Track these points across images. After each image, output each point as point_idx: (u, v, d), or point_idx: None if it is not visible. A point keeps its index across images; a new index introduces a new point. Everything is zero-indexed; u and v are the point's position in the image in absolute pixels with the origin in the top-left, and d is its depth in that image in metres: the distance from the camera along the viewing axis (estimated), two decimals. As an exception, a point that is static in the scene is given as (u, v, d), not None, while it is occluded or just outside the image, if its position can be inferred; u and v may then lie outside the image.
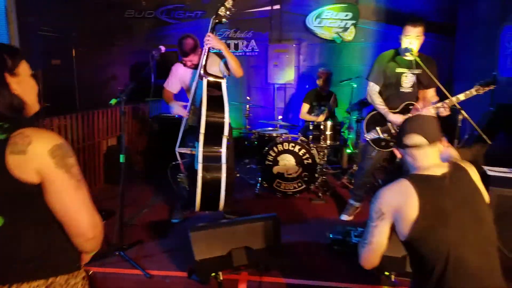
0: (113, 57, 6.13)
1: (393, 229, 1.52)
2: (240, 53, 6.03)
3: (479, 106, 3.20)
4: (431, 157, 1.57)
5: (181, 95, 3.56)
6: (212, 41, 3.04)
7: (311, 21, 5.78)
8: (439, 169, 1.51)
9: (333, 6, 5.69)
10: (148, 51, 3.08)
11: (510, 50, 3.67)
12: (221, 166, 3.04)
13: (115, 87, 5.80)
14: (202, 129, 3.02)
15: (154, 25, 6.16)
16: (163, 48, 3.28)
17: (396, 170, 4.39)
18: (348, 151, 5.11)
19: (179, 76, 3.45)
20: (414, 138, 1.56)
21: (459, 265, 1.36)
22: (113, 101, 2.68)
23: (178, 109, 3.33)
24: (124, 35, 6.10)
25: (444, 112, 2.85)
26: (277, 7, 5.85)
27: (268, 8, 5.87)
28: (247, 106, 4.80)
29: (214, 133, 3.06)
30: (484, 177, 2.52)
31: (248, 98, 4.94)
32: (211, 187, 3.05)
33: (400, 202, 1.44)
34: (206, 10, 5.94)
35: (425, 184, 1.46)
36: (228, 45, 6.02)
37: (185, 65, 3.33)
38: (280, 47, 5.89)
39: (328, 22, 5.73)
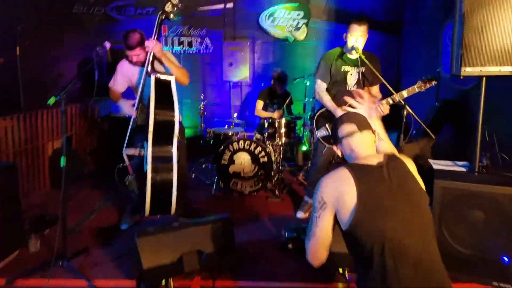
0: (61, 53, 5.78)
1: (336, 221, 1.52)
2: (194, 51, 5.92)
3: (427, 102, 3.33)
4: (367, 147, 1.63)
5: (131, 94, 3.40)
6: (154, 48, 2.92)
7: (265, 20, 5.78)
8: (376, 159, 1.57)
9: (285, 5, 5.73)
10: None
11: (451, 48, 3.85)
12: (172, 167, 2.93)
13: (64, 84, 5.45)
14: (151, 128, 2.90)
15: (104, 21, 5.89)
16: (108, 45, 3.12)
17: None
18: (304, 148, 5.16)
19: (125, 74, 3.29)
20: (345, 128, 1.65)
21: (398, 251, 1.38)
22: (51, 101, 2.48)
23: (127, 108, 3.17)
24: (73, 31, 5.77)
25: (383, 110, 2.88)
26: (230, 5, 5.79)
27: (221, 6, 5.80)
28: (202, 104, 4.69)
29: (163, 132, 2.94)
30: (430, 170, 2.60)
31: (202, 96, 4.82)
32: (161, 189, 2.93)
33: (340, 190, 1.47)
34: (158, 7, 5.76)
35: (362, 173, 1.50)
36: (182, 43, 5.87)
37: (130, 61, 3.17)
38: (234, 45, 5.83)
39: (281, 21, 5.76)
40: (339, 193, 1.47)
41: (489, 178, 2.30)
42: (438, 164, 2.63)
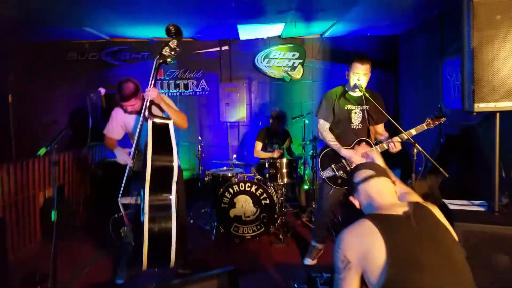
0: (54, 101, 5.75)
1: (363, 282, 1.35)
2: (190, 93, 5.89)
3: (430, 138, 3.25)
4: (387, 194, 1.50)
5: (127, 141, 3.27)
6: (153, 94, 2.84)
7: (260, 61, 5.82)
8: (400, 208, 1.42)
9: (280, 46, 5.80)
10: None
11: (453, 83, 3.84)
12: (171, 216, 2.74)
13: (57, 131, 5.33)
14: (148, 176, 2.74)
15: (99, 67, 5.89)
16: (102, 90, 3.04)
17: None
18: (306, 187, 5.00)
19: (120, 122, 3.18)
20: (361, 173, 1.55)
21: None
22: (41, 151, 2.33)
23: (122, 156, 3.03)
24: (66, 78, 5.77)
25: (395, 147, 2.83)
26: (225, 48, 5.85)
27: (217, 49, 5.86)
28: (199, 146, 4.57)
29: (161, 179, 2.78)
30: (445, 211, 2.45)
31: (199, 138, 4.71)
32: (160, 240, 2.73)
33: (365, 246, 1.32)
34: (153, 51, 5.81)
35: (388, 224, 1.35)
36: (178, 85, 5.85)
37: (125, 111, 3.07)
38: (231, 86, 5.82)
39: (276, 62, 5.81)
40: (364, 249, 1.31)
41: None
42: (454, 204, 2.48)
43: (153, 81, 2.91)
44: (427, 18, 4.50)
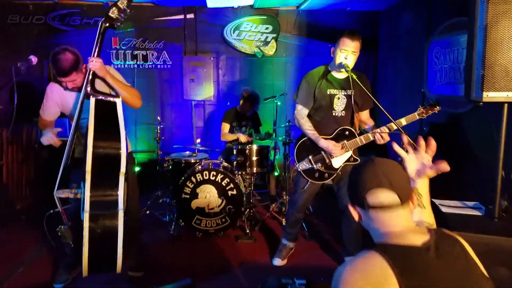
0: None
1: None
2: (150, 66, 5.28)
3: (409, 127, 2.94)
4: (404, 219, 1.09)
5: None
6: (95, 65, 2.31)
7: (230, 33, 5.28)
8: (418, 237, 1.05)
9: (252, 17, 5.27)
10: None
11: (439, 66, 3.53)
12: (117, 214, 2.29)
13: None
14: (89, 166, 2.25)
15: (45, 32, 5.14)
16: (34, 59, 2.52)
17: (326, 194, 4.04)
18: (276, 174, 4.64)
19: (56, 99, 2.62)
20: (381, 196, 1.09)
21: None
22: None
23: (48, 136, 2.51)
24: (7, 44, 4.98)
25: (382, 139, 2.48)
26: (191, 16, 5.24)
27: (181, 16, 5.23)
28: (158, 127, 4.05)
29: (106, 169, 2.31)
30: (436, 214, 2.14)
31: (159, 118, 4.17)
32: (103, 243, 2.28)
33: None
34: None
35: (405, 262, 0.97)
36: (135, 56, 5.22)
37: (66, 88, 2.52)
38: (196, 60, 5.27)
39: (248, 35, 5.29)
40: None
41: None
42: (446, 206, 2.18)
43: (97, 50, 2.39)
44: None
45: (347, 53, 2.52)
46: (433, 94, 3.64)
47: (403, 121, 2.44)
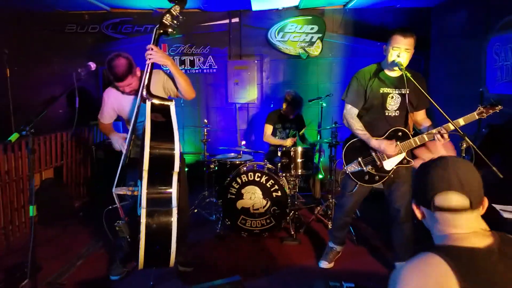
0: (53, 76, 5.37)
1: None
2: (197, 70, 5.44)
3: (467, 128, 2.79)
4: (471, 222, 1.06)
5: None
6: (155, 55, 2.43)
7: (274, 36, 5.31)
8: (481, 239, 1.01)
9: (297, 18, 5.26)
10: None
11: (500, 64, 3.33)
12: (172, 211, 2.38)
13: (56, 109, 5.06)
14: (146, 165, 2.36)
15: (99, 40, 5.47)
16: (93, 65, 2.67)
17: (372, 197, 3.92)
18: (320, 176, 4.59)
19: (113, 104, 2.79)
20: (451, 199, 1.04)
21: None
22: (12, 137, 1.93)
23: (118, 141, 2.68)
24: (66, 52, 5.36)
25: (442, 139, 2.36)
26: (236, 20, 5.34)
27: (226, 21, 5.35)
28: (205, 130, 4.15)
29: (161, 169, 2.42)
30: (496, 219, 2.04)
31: (205, 121, 4.29)
32: (158, 238, 2.38)
33: None
34: (156, 24, 5.31)
35: (467, 265, 0.95)
36: (183, 62, 5.40)
37: (123, 92, 2.67)
38: (240, 64, 5.35)
39: (292, 36, 5.29)
40: None
41: None
42: (508, 212, 2.06)
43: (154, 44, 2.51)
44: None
45: (400, 50, 2.45)
46: (492, 93, 3.43)
47: (461, 121, 2.33)
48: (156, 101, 2.43)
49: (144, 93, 2.45)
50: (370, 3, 4.93)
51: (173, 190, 2.39)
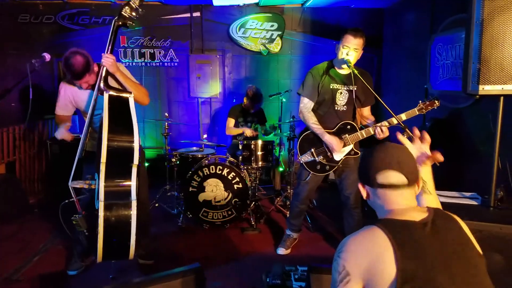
0: (6, 68, 5.10)
1: None
2: (157, 63, 5.39)
3: (412, 121, 3.02)
4: (407, 198, 1.20)
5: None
6: (108, 62, 2.42)
7: (235, 31, 5.37)
8: (418, 214, 1.16)
9: (258, 15, 5.35)
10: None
11: (442, 62, 3.60)
12: (131, 204, 2.40)
13: (8, 103, 4.82)
14: (103, 158, 2.36)
15: (55, 31, 5.26)
16: (47, 56, 2.63)
17: (330, 189, 4.12)
18: (281, 169, 4.74)
19: (69, 98, 2.75)
20: (390, 176, 1.19)
21: None
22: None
23: (61, 131, 2.63)
24: (19, 43, 5.10)
25: (382, 133, 2.57)
26: (197, 14, 5.34)
27: (188, 15, 5.33)
28: (166, 124, 4.15)
29: (119, 161, 2.41)
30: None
31: (166, 115, 4.28)
32: (117, 231, 2.39)
33: (372, 259, 1.06)
34: (116, 15, 5.19)
35: (403, 235, 1.08)
36: (143, 55, 5.33)
37: (80, 87, 2.64)
38: (202, 58, 5.37)
39: (253, 32, 5.38)
40: (370, 263, 1.06)
41: (509, 215, 1.96)
42: (444, 196, 2.27)
43: (110, 47, 2.50)
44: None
45: (349, 49, 2.62)
46: (435, 90, 3.71)
47: (403, 116, 2.53)
48: (114, 93, 2.43)
49: (102, 85, 2.44)
50: (326, 3, 5.12)
51: (133, 183, 2.40)
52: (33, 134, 4.67)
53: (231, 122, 4.51)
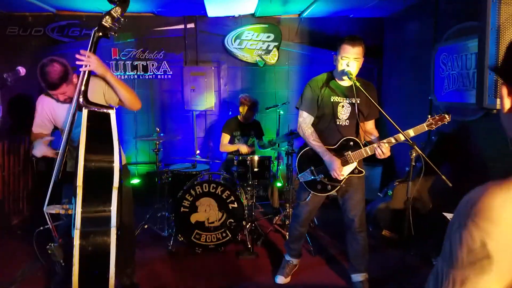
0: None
1: None
2: (150, 76, 5.20)
3: (417, 136, 2.81)
4: None
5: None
6: (91, 62, 2.23)
7: (231, 42, 5.19)
8: None
9: (254, 26, 5.18)
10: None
11: (447, 73, 3.39)
12: (110, 231, 2.17)
13: None
14: (80, 180, 2.15)
15: (45, 44, 5.09)
16: (22, 70, 2.44)
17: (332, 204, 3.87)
18: (279, 184, 4.49)
19: (47, 113, 2.54)
20: None
21: None
22: None
23: (41, 148, 2.41)
24: (7, 56, 4.93)
25: (383, 154, 2.35)
26: (191, 25, 5.17)
27: (181, 26, 5.17)
28: (156, 141, 3.88)
29: (98, 184, 2.21)
30: (445, 225, 1.98)
31: (157, 129, 4.04)
32: (94, 262, 2.17)
33: None
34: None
35: None
36: (135, 67, 5.14)
37: (58, 100, 2.43)
38: (197, 70, 5.18)
39: (249, 43, 5.20)
40: None
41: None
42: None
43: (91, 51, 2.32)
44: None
45: (349, 60, 2.40)
46: (440, 101, 3.50)
47: (411, 132, 2.30)
48: (94, 109, 2.23)
49: (81, 100, 2.23)
50: (325, 13, 4.95)
51: (112, 208, 2.18)
52: (18, 150, 4.45)
53: (225, 138, 4.29)
